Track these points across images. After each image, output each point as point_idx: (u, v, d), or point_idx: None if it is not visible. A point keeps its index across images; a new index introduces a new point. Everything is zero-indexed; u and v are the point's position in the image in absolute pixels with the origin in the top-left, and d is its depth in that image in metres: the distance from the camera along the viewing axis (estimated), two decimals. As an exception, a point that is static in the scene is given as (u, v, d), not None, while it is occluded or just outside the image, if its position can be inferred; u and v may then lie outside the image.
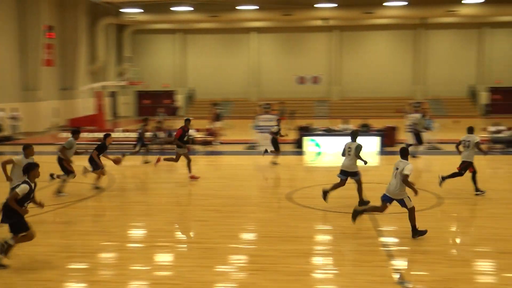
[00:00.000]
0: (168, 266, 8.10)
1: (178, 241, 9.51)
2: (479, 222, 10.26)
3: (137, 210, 11.57)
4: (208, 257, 8.13)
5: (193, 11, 36.41)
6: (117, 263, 8.16)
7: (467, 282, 7.08)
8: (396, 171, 9.03)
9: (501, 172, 16.80)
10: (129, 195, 13.36)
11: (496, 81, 41.42)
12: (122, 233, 9.76)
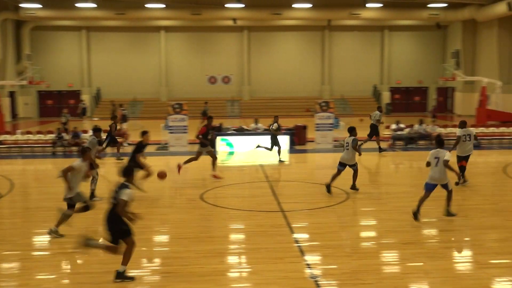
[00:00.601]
0: (76, 273, 7.72)
1: (86, 247, 9.09)
2: (384, 215, 10.74)
3: (41, 216, 10.93)
4: (119, 261, 7.84)
5: (98, 8, 35.09)
6: (20, 273, 7.66)
7: (374, 273, 7.37)
8: (436, 160, 9.86)
9: (402, 168, 17.75)
10: (31, 200, 12.60)
11: (396, 82, 43.84)
12: (24, 241, 9.17)
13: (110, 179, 14.67)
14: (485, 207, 11.33)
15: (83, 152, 9.40)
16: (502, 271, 7.42)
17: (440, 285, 6.94)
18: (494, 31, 35.88)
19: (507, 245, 8.62)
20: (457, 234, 9.29)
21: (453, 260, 8.08)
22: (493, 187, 13.68)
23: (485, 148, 21.57)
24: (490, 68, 36.38)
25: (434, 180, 9.92)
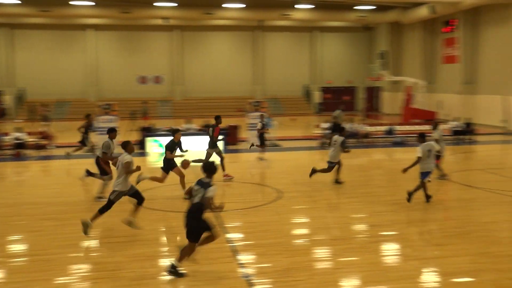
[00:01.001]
0: (-3, 283, 7.31)
1: (10, 255, 8.62)
2: (316, 213, 10.93)
3: None
4: (45, 269, 7.51)
5: (22, 4, 33.54)
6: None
7: (306, 269, 7.47)
8: (429, 152, 11.21)
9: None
10: None
11: (327, 82, 44.85)
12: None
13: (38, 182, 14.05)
14: (411, 202, 11.78)
15: (126, 145, 9.37)
16: (426, 262, 7.73)
17: (369, 278, 7.13)
18: (417, 33, 37.53)
19: (432, 237, 9.01)
20: (385, 229, 9.59)
21: (382, 253, 8.33)
22: (417, 183, 14.23)
23: (410, 145, 22.48)
24: (414, 69, 38.03)
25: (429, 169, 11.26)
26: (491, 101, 29.45)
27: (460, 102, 32.24)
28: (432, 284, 7.02)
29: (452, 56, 34.17)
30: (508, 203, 11.70)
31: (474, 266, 7.50)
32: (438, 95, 35.59)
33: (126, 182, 9.22)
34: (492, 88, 30.02)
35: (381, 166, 17.81)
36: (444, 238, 8.89)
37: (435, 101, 35.19)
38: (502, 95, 27.62)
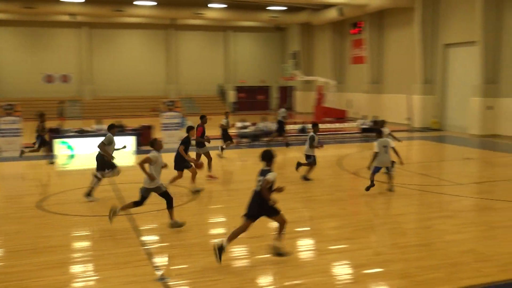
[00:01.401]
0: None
1: None
2: (232, 212, 10.93)
3: None
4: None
5: None
6: None
7: (223, 268, 7.44)
8: (385, 148, 11.90)
9: (248, 164, 18.29)
10: None
11: (240, 81, 45.17)
12: None
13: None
14: (323, 198, 12.14)
15: (153, 143, 9.46)
16: (339, 256, 7.98)
17: (284, 274, 7.23)
18: (327, 34, 38.78)
19: (342, 232, 9.31)
20: (299, 225, 9.79)
21: (296, 249, 8.48)
22: (330, 179, 14.71)
23: (322, 143, 23.15)
24: (325, 68, 39.28)
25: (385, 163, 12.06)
26: (396, 100, 31.07)
27: (368, 101, 33.73)
28: (345, 276, 7.24)
29: (360, 57, 35.66)
30: (413, 196, 12.36)
31: (384, 257, 7.84)
32: (348, 94, 37.01)
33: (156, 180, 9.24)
34: (396, 88, 31.68)
35: (293, 164, 18.17)
36: (355, 232, 9.22)
37: (345, 100, 36.57)
38: (406, 94, 29.22)
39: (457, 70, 27.63)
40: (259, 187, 7.53)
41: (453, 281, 6.88)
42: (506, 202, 11.43)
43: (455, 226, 9.58)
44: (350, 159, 18.39)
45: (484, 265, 7.43)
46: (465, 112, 26.05)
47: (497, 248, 8.20)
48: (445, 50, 28.13)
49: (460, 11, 26.49)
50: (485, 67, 24.56)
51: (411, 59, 29.76)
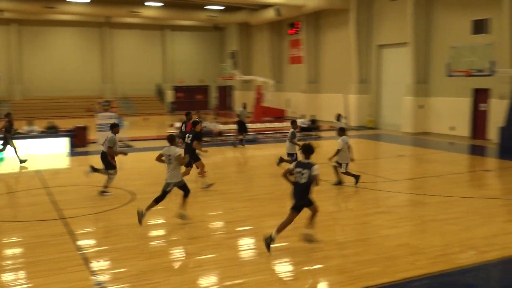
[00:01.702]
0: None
1: None
2: (171, 213, 10.80)
3: None
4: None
5: None
6: None
7: (163, 271, 7.33)
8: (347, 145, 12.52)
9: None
10: None
11: (178, 80, 44.73)
12: None
13: None
14: (263, 197, 12.21)
15: (171, 139, 9.74)
16: (279, 254, 8.05)
17: (226, 274, 7.21)
18: (265, 34, 39.08)
19: (284, 230, 9.39)
20: (241, 224, 9.81)
21: (238, 249, 8.49)
22: (269, 178, 14.82)
23: (261, 142, 23.33)
24: (264, 68, 39.57)
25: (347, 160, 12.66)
26: (333, 99, 31.75)
27: (306, 100, 34.28)
28: (286, 273, 7.32)
29: (298, 57, 36.18)
30: (350, 193, 12.67)
31: (322, 254, 7.98)
32: (286, 93, 37.48)
33: (179, 174, 9.62)
34: (333, 87, 32.38)
35: (234, 163, 18.22)
36: (294, 230, 9.31)
37: (284, 99, 37.00)
38: (342, 94, 29.92)
39: (390, 70, 28.59)
40: (304, 179, 7.89)
41: (389, 274, 7.10)
42: (436, 196, 11.94)
43: (390, 221, 9.90)
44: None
45: (417, 258, 7.73)
46: (399, 111, 26.98)
47: (428, 241, 8.55)
48: (379, 51, 29.04)
49: (393, 13, 27.42)
50: (416, 68, 25.55)
51: (347, 59, 30.51)
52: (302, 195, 8.02)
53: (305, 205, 8.11)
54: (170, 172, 9.58)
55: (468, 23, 20.00)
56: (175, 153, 9.52)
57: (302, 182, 7.91)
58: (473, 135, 23.50)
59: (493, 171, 16.24)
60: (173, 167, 9.54)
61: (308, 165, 7.94)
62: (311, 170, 7.87)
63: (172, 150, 9.57)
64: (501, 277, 7.51)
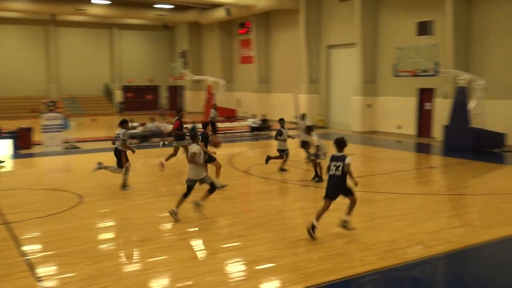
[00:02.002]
0: None
1: None
2: (120, 215, 10.60)
3: None
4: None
5: None
6: None
7: (113, 274, 7.17)
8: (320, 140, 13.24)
9: (137, 166, 17.81)
10: None
11: (128, 80, 43.97)
12: None
13: None
14: (214, 197, 12.12)
15: (193, 137, 10.26)
16: (231, 254, 8.03)
17: (177, 275, 7.13)
18: (216, 34, 38.95)
19: (234, 230, 9.39)
20: (192, 225, 9.72)
21: (189, 250, 8.42)
22: (221, 178, 14.76)
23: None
24: (215, 68, 39.44)
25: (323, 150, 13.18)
26: (284, 99, 32.01)
27: (257, 100, 34.40)
28: (238, 273, 7.31)
29: (249, 57, 36.26)
30: (301, 192, 12.81)
31: (274, 253, 8.02)
32: (237, 93, 37.50)
33: (200, 170, 9.92)
34: (284, 87, 32.64)
35: (185, 164, 18.02)
36: (246, 229, 9.34)
37: (235, 99, 37.00)
38: (293, 93, 30.21)
39: (340, 70, 29.08)
40: (339, 172, 8.48)
41: (339, 271, 7.21)
42: (384, 194, 12.23)
43: (340, 219, 10.06)
44: (240, 157, 18.63)
45: (367, 254, 7.88)
46: (348, 110, 27.49)
47: (377, 237, 8.74)
48: (329, 51, 29.49)
49: (341, 15, 27.91)
50: (364, 68, 26.11)
51: (297, 59, 30.82)
52: (339, 186, 8.59)
53: (341, 194, 8.69)
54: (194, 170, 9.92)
55: (413, 25, 20.64)
56: (191, 150, 9.95)
57: (338, 174, 8.52)
58: (419, 133, 24.25)
59: (437, 168, 16.81)
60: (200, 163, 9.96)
61: (341, 158, 8.55)
62: (344, 161, 8.49)
63: (195, 148, 9.94)
64: (446, 270, 7.76)
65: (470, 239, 8.70)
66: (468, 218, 10.18)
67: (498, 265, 7.77)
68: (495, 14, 20.67)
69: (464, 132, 18.75)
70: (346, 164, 8.47)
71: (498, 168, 16.45)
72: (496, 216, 10.10)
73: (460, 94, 19.06)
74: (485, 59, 21.12)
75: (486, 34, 21.05)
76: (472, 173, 15.19)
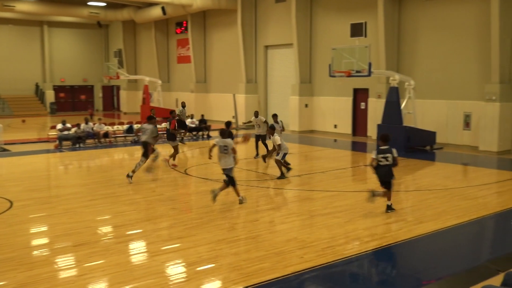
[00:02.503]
0: None
1: None
2: (54, 219, 10.21)
3: None
4: None
5: None
6: None
7: (46, 281, 6.90)
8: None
9: (71, 168, 17.27)
10: None
11: (61, 80, 42.49)
12: None
13: None
14: (153, 199, 11.97)
15: (223, 133, 11.28)
16: (171, 256, 7.92)
17: (115, 280, 6.95)
18: (151, 33, 38.35)
19: (173, 231, 9.27)
20: (129, 228, 9.52)
21: (127, 253, 8.22)
22: (159, 180, 14.55)
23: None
24: (151, 67, 38.83)
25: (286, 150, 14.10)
26: (222, 99, 31.98)
27: (195, 100, 34.16)
28: (178, 275, 7.21)
29: (186, 56, 35.95)
30: (241, 191, 12.80)
31: (214, 253, 7.98)
32: (175, 93, 37.11)
33: (232, 162, 11.03)
34: (222, 87, 32.62)
35: (122, 166, 17.65)
36: (185, 231, 9.24)
37: (172, 99, 36.59)
38: (231, 93, 30.24)
39: (277, 70, 29.37)
40: (388, 161, 10.03)
41: (279, 269, 7.27)
42: (322, 192, 12.47)
43: (280, 218, 10.16)
44: (178, 158, 18.41)
45: (306, 252, 7.99)
46: (286, 110, 27.82)
47: (316, 235, 8.89)
48: (266, 51, 29.72)
49: (278, 15, 28.20)
50: (300, 68, 26.51)
51: (235, 59, 30.87)
52: (389, 173, 10.14)
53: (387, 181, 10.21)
54: (225, 160, 11.03)
55: (347, 26, 21.08)
56: (230, 144, 11.07)
57: (387, 164, 10.05)
58: (355, 132, 24.91)
59: (372, 166, 17.30)
60: (228, 156, 11.02)
61: (389, 150, 10.09)
62: (393, 153, 10.07)
63: (228, 142, 11.08)
64: (382, 264, 8.00)
65: (404, 233, 9.02)
66: (402, 213, 10.55)
67: (430, 258, 8.10)
68: (423, 17, 21.56)
69: (396, 131, 19.42)
70: (396, 156, 10.08)
71: (429, 165, 17.17)
72: (427, 211, 10.53)
73: (392, 94, 19.73)
74: (415, 60, 21.99)
75: (416, 36, 21.92)
76: (405, 170, 15.76)
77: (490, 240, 9.63)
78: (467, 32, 20.02)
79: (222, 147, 11.01)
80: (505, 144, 18.84)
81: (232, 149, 10.99)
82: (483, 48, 19.36)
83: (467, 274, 7.27)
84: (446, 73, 20.80)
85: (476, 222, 9.99)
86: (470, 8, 19.87)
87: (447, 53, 20.73)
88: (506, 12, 18.38)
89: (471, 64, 19.96)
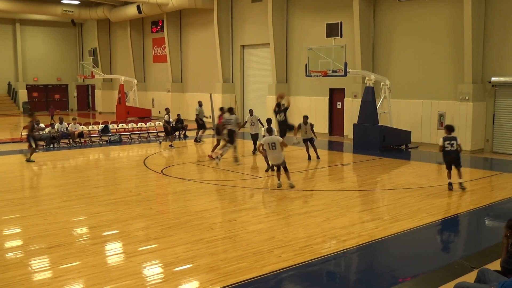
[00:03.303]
0: None
1: None
2: (27, 221, 10.04)
3: None
4: None
5: None
6: None
7: (20, 284, 6.77)
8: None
9: (45, 169, 16.99)
10: None
11: (34, 79, 41.81)
12: None
13: None
14: (129, 199, 11.86)
15: (270, 130, 12.95)
16: (148, 257, 7.86)
17: (91, 281, 6.86)
18: (127, 31, 37.99)
19: (150, 232, 9.19)
20: (106, 229, 9.41)
21: (103, 254, 8.13)
22: (135, 180, 14.44)
23: (126, 143, 22.68)
24: (127, 67, 38.47)
25: None
26: (199, 98, 31.82)
27: (171, 100, 33.97)
28: (155, 276, 7.16)
29: (162, 56, 35.72)
30: (219, 192, 12.79)
31: (191, 253, 7.95)
32: (151, 93, 36.84)
33: (282, 156, 12.46)
34: (199, 86, 32.50)
35: (97, 166, 17.46)
36: (162, 231, 9.19)
37: (149, 98, 36.31)
38: (208, 93, 30.13)
39: (254, 70, 29.39)
40: (453, 147, 11.94)
41: (256, 269, 7.27)
42: (299, 191, 12.52)
43: (257, 217, 10.17)
44: (155, 158, 18.30)
45: (283, 251, 8.02)
46: (263, 109, 27.82)
47: (293, 234, 8.93)
48: (243, 51, 29.71)
49: (254, 15, 28.22)
50: (277, 68, 26.57)
51: (212, 58, 30.78)
52: (457, 158, 12.02)
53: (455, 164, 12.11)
54: (276, 156, 12.39)
55: (323, 26, 21.23)
56: (278, 140, 12.31)
57: (454, 149, 11.96)
58: (331, 132, 25.07)
59: (349, 165, 17.47)
60: (278, 151, 12.28)
61: (454, 138, 12.03)
62: (457, 140, 12.02)
63: (276, 139, 12.31)
64: (359, 263, 8.07)
65: (380, 232, 9.12)
66: (378, 212, 10.66)
67: (405, 256, 8.21)
68: (398, 18, 21.81)
69: (372, 130, 19.61)
70: (460, 143, 12.02)
71: (404, 164, 17.39)
72: (403, 210, 10.66)
73: (368, 93, 19.92)
74: (390, 60, 22.24)
75: (390, 37, 22.17)
76: (380, 169, 15.93)
77: (463, 238, 9.80)
78: (441, 33, 20.33)
79: (270, 144, 12.25)
80: (478, 143, 19.20)
81: (281, 143, 12.27)
82: (456, 49, 19.69)
83: (441, 271, 7.38)
84: (421, 73, 21.09)
85: (450, 220, 10.17)
86: (444, 11, 20.18)
87: (422, 54, 21.02)
88: (478, 15, 18.74)
89: (445, 65, 20.28)
